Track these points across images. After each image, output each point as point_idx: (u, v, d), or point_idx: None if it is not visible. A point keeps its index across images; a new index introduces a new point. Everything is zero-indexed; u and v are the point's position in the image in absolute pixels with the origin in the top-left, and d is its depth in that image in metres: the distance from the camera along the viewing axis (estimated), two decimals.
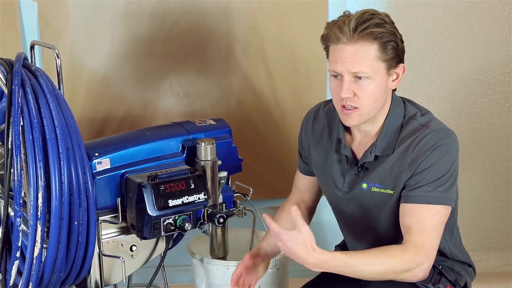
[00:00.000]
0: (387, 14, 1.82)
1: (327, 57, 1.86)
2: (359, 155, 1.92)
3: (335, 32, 1.78)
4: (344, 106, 1.81)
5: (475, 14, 2.74)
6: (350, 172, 1.92)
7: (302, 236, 1.67)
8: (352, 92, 1.78)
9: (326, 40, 1.82)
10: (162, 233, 1.89)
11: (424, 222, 1.77)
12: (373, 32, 1.75)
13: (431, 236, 1.76)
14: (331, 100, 2.03)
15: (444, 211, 1.80)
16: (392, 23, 1.81)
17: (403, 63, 1.83)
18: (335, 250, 2.16)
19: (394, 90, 1.89)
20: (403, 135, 1.85)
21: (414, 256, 1.74)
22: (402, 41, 1.82)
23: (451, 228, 1.95)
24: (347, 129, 1.95)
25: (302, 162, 2.10)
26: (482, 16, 2.75)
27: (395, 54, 1.79)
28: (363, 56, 1.76)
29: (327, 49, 1.85)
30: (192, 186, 1.90)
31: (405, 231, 1.79)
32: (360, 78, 1.77)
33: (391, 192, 1.85)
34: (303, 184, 2.13)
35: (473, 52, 2.79)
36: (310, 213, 2.16)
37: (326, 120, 2.00)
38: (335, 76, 1.81)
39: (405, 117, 1.87)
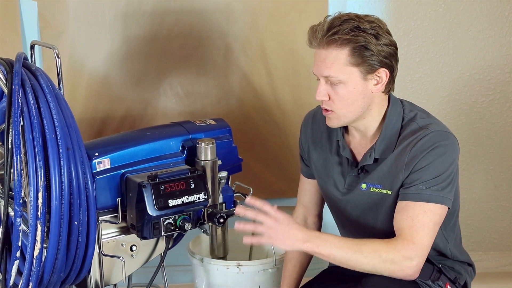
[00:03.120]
0: (372, 20, 1.79)
1: None
2: (358, 156, 1.92)
3: (309, 36, 1.82)
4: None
5: (475, 14, 2.74)
6: (350, 173, 1.92)
7: (284, 214, 1.75)
8: (327, 95, 1.82)
9: (308, 43, 1.85)
10: (162, 233, 1.89)
11: (415, 218, 1.77)
12: (339, 38, 1.75)
13: (422, 233, 1.75)
14: None
15: (438, 210, 1.79)
16: (374, 27, 1.77)
17: (388, 67, 1.80)
18: None
19: (389, 91, 1.87)
20: (402, 137, 1.85)
21: (401, 247, 1.73)
22: (389, 45, 1.79)
23: (451, 228, 1.95)
24: (346, 130, 1.95)
25: (304, 165, 2.10)
26: (483, 16, 2.75)
27: (369, 59, 1.77)
28: (332, 61, 1.78)
29: None
30: (192, 186, 1.90)
31: (396, 227, 1.80)
32: (334, 82, 1.80)
33: (389, 192, 1.85)
34: (308, 190, 2.12)
35: (473, 52, 2.79)
36: (318, 226, 2.17)
37: (325, 122, 2.01)
38: (318, 79, 1.85)
39: (404, 120, 1.88)
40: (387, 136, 1.86)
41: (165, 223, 1.89)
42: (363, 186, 1.89)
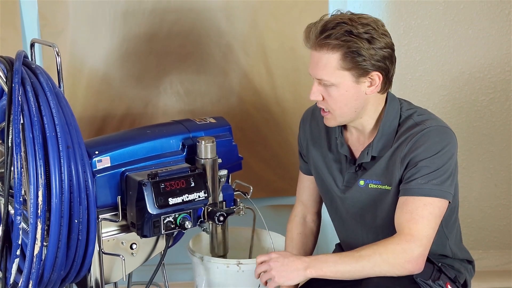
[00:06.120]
0: (367, 22, 1.77)
1: None
2: (356, 153, 1.93)
3: (304, 36, 1.83)
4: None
5: (475, 12, 2.74)
6: (348, 170, 1.92)
7: (283, 252, 1.81)
8: (321, 96, 1.84)
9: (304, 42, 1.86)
10: (162, 231, 1.90)
11: (413, 212, 1.77)
12: (330, 43, 1.75)
13: (421, 225, 1.75)
14: None
15: (438, 204, 1.78)
16: (369, 31, 1.75)
17: (382, 69, 1.79)
18: (335, 248, 2.17)
19: (385, 90, 1.86)
20: (399, 134, 1.85)
21: (399, 240, 1.74)
22: (383, 48, 1.77)
23: (452, 225, 1.95)
24: (345, 127, 1.96)
25: (303, 162, 2.10)
26: (483, 14, 2.75)
27: (361, 64, 1.76)
28: (324, 64, 1.79)
29: None
30: (192, 184, 1.90)
31: (396, 224, 1.80)
32: (327, 84, 1.81)
33: (388, 188, 1.86)
34: (307, 187, 2.12)
35: (473, 51, 2.79)
36: (317, 224, 2.17)
37: (323, 119, 2.01)
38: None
39: (402, 117, 1.88)
40: (385, 134, 1.87)
41: (165, 222, 1.89)
42: (361, 183, 1.89)
